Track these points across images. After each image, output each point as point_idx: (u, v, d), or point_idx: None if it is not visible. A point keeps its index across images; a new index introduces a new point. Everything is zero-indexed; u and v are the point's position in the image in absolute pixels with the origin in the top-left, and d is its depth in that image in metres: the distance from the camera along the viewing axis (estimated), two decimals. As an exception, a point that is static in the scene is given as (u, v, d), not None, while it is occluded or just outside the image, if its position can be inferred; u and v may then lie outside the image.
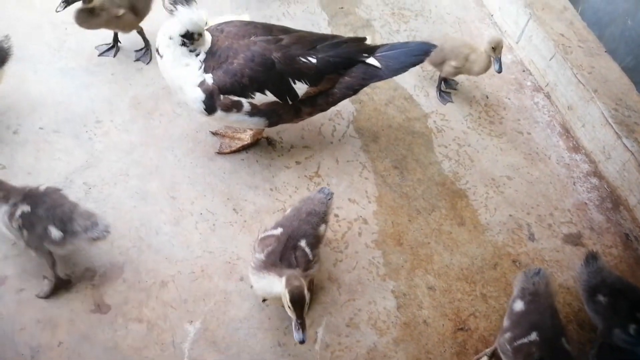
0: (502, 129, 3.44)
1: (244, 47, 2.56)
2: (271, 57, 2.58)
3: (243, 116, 2.65)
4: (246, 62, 2.53)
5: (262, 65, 2.56)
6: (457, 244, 2.86)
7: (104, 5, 2.98)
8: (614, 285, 2.50)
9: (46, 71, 3.15)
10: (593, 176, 3.28)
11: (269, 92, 2.62)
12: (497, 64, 3.17)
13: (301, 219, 2.37)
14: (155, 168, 2.88)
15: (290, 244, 2.28)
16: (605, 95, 3.29)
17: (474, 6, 4.23)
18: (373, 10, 4.02)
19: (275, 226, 2.38)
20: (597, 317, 2.51)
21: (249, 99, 2.60)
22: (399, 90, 3.52)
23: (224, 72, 2.53)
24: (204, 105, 2.57)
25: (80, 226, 2.26)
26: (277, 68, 2.59)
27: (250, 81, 2.56)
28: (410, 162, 3.16)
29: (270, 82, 2.61)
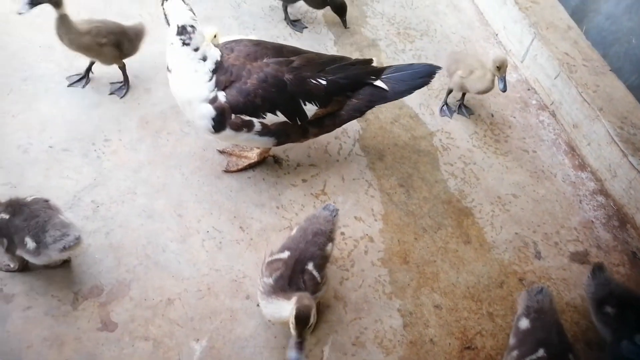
0: (507, 147, 3.45)
1: (257, 68, 2.59)
2: (283, 79, 2.62)
3: (253, 135, 2.68)
4: (259, 83, 2.57)
5: (275, 87, 2.60)
6: (463, 262, 2.86)
7: (90, 30, 2.96)
8: (621, 297, 2.49)
9: (56, 90, 3.20)
10: (599, 194, 3.28)
11: (280, 112, 2.65)
12: (501, 83, 3.19)
13: (308, 241, 2.37)
14: (163, 186, 2.90)
15: (298, 268, 2.28)
16: (611, 114, 3.31)
17: (478, 25, 4.27)
18: (379, 30, 4.06)
19: (282, 249, 2.37)
20: (605, 329, 2.50)
21: (260, 119, 2.63)
22: (404, 108, 3.55)
23: (238, 92, 2.55)
24: (213, 122, 2.58)
25: (51, 237, 2.31)
26: (289, 89, 2.63)
27: (262, 101, 2.59)
28: (416, 180, 3.17)
29: (281, 103, 2.64)
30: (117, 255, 2.61)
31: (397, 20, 4.18)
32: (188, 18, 2.44)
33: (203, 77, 2.51)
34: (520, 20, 3.91)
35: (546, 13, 3.94)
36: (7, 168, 2.81)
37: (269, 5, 4.05)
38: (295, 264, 2.29)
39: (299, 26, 3.92)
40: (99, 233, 2.67)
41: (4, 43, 3.36)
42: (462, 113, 3.56)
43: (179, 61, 2.51)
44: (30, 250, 2.32)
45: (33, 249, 2.31)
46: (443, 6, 4.39)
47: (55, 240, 2.31)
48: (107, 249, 2.62)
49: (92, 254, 2.59)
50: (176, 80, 2.57)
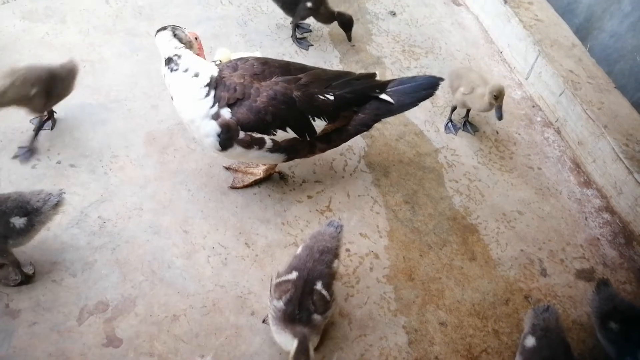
0: (512, 164, 3.46)
1: (267, 87, 2.62)
2: (292, 96, 2.65)
3: (264, 152, 2.70)
4: (269, 100, 2.60)
5: (285, 104, 2.63)
6: (468, 279, 2.85)
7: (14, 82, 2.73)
8: (626, 313, 2.48)
9: (64, 107, 3.23)
10: (605, 211, 3.27)
11: (290, 129, 2.68)
12: (497, 112, 3.20)
13: (315, 259, 2.36)
14: (169, 202, 2.92)
15: (307, 289, 2.28)
16: (616, 131, 3.31)
17: (483, 43, 4.30)
18: (384, 47, 4.09)
19: (290, 269, 2.37)
20: (609, 345, 2.48)
21: (271, 136, 2.65)
22: (409, 125, 3.56)
23: (248, 110, 2.57)
24: (219, 139, 2.60)
25: (38, 202, 2.37)
26: (298, 106, 2.66)
27: (273, 118, 2.62)
28: (421, 197, 3.18)
29: (291, 120, 2.67)
30: (123, 271, 2.62)
31: (402, 38, 4.21)
32: (172, 49, 2.60)
33: (199, 92, 2.56)
34: (524, 38, 3.94)
35: (550, 31, 3.96)
36: (15, 184, 2.83)
37: (275, 24, 4.09)
38: (305, 284, 2.29)
39: (304, 44, 3.96)
40: (105, 249, 2.68)
41: (14, 60, 3.40)
42: (467, 130, 3.57)
43: (175, 85, 2.59)
44: (21, 229, 2.35)
45: (23, 224, 2.35)
46: (448, 24, 4.42)
47: (45, 201, 2.38)
48: (113, 264, 2.63)
49: (98, 270, 2.60)
50: (177, 104, 2.63)
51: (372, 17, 4.34)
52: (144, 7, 3.99)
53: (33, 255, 2.59)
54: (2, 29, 3.60)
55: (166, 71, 2.60)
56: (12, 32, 3.60)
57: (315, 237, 2.49)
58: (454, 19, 4.49)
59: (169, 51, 2.59)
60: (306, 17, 3.88)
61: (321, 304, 2.29)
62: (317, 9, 3.79)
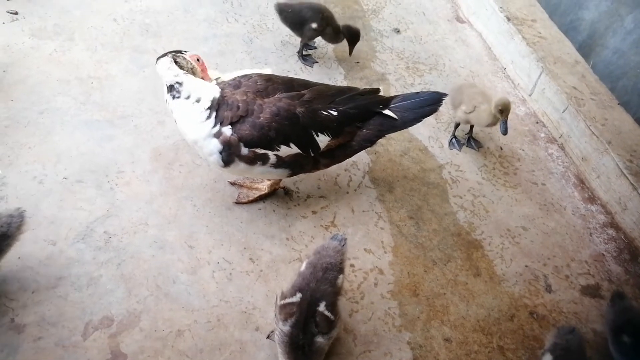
0: (516, 180, 3.46)
1: (270, 103, 2.65)
2: (296, 112, 2.66)
3: (268, 168, 2.72)
4: (272, 117, 2.62)
5: (288, 120, 2.64)
6: (473, 295, 2.85)
7: None
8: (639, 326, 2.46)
9: (72, 123, 3.27)
10: (610, 227, 3.27)
11: (293, 144, 2.70)
12: (502, 126, 3.22)
13: (318, 279, 2.35)
14: (174, 217, 2.93)
15: (310, 312, 2.27)
16: (620, 147, 3.32)
17: (487, 60, 4.33)
18: (388, 64, 4.13)
19: (294, 290, 2.34)
20: (621, 358, 2.46)
21: (275, 152, 2.67)
22: (413, 141, 3.58)
23: (251, 126, 2.59)
24: (221, 155, 2.62)
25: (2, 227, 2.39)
26: (301, 122, 2.68)
27: (276, 134, 2.63)
28: (425, 213, 3.19)
29: (294, 135, 2.69)
30: (128, 286, 2.63)
31: (406, 54, 4.25)
32: (172, 77, 2.61)
33: (200, 116, 2.59)
34: (528, 55, 3.97)
35: (553, 48, 3.99)
36: (22, 199, 2.86)
37: (281, 41, 4.14)
38: (308, 307, 2.27)
39: (309, 61, 4.00)
40: (111, 264, 2.69)
41: (22, 77, 3.46)
42: (471, 146, 3.59)
43: (178, 111, 2.62)
44: None
45: None
46: (451, 41, 4.46)
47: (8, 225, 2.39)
48: (119, 279, 2.64)
49: (103, 285, 2.61)
50: (181, 127, 2.67)
51: (376, 34, 4.38)
52: (151, 24, 4.05)
53: (39, 271, 2.60)
54: (11, 46, 3.65)
55: (168, 97, 2.63)
56: (21, 49, 3.65)
57: (318, 252, 2.48)
58: (457, 36, 4.53)
59: (170, 79, 2.61)
60: (313, 37, 3.92)
61: (325, 325, 2.27)
62: (323, 29, 3.83)
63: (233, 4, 4.40)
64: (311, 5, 3.88)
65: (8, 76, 3.45)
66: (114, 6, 4.15)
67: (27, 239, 2.70)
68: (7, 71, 3.47)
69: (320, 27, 3.79)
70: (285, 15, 3.88)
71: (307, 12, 3.82)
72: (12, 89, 3.38)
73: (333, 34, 3.87)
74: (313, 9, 3.83)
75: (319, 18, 3.79)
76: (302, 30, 3.85)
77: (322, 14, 3.82)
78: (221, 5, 4.36)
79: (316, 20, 3.78)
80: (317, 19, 3.78)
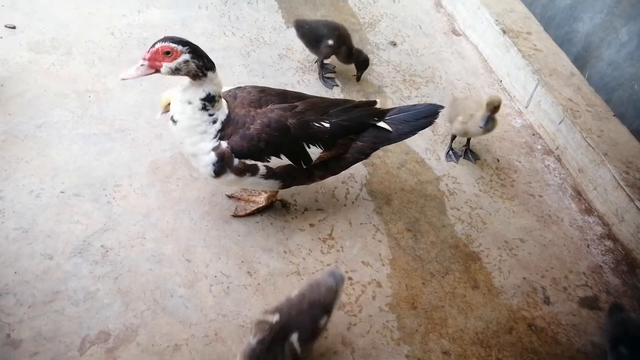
0: (513, 192, 3.47)
1: (262, 114, 2.63)
2: (287, 123, 2.65)
3: (258, 179, 2.71)
4: (263, 128, 2.60)
5: (279, 131, 2.63)
6: (471, 308, 2.84)
7: None
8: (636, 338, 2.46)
9: (69, 137, 3.27)
10: (607, 239, 3.27)
11: (284, 156, 2.69)
12: (483, 120, 3.23)
13: (301, 310, 2.30)
14: (172, 231, 2.93)
15: (280, 336, 2.22)
16: (616, 158, 3.33)
17: (483, 72, 4.35)
18: (385, 77, 4.15)
19: (275, 310, 2.31)
20: None
21: (265, 163, 2.67)
22: (410, 153, 3.59)
23: (241, 137, 2.58)
24: (214, 167, 2.61)
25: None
26: (292, 133, 2.66)
27: (266, 145, 2.62)
28: (423, 225, 3.19)
29: (285, 147, 2.67)
30: (125, 300, 2.62)
31: (402, 67, 4.27)
32: (219, 88, 2.51)
33: (210, 136, 2.57)
34: (523, 67, 3.99)
35: (549, 60, 4.02)
36: (19, 213, 2.85)
37: (278, 54, 4.16)
38: (280, 331, 2.23)
39: (329, 83, 4.00)
40: (108, 278, 2.68)
41: (20, 91, 3.47)
42: (468, 158, 3.60)
43: (191, 121, 2.52)
44: None
45: None
46: (448, 54, 4.48)
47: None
48: (116, 293, 2.63)
49: (100, 299, 2.60)
50: (182, 135, 2.58)
51: (373, 47, 4.40)
52: (149, 38, 4.06)
53: (35, 285, 2.59)
54: (9, 60, 3.66)
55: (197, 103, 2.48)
56: (18, 63, 3.66)
57: (312, 286, 2.40)
58: (453, 48, 4.55)
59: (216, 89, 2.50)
60: (329, 55, 3.92)
61: (290, 356, 2.22)
62: (338, 47, 3.83)
63: (230, 17, 4.43)
64: (328, 22, 3.91)
65: (6, 90, 3.46)
66: (112, 20, 4.17)
67: (24, 253, 2.69)
68: (4, 85, 3.48)
69: (335, 44, 3.80)
70: (302, 31, 3.91)
71: (323, 29, 3.84)
72: (10, 103, 3.38)
73: (347, 54, 3.86)
74: (329, 26, 3.86)
75: (335, 35, 3.80)
76: (318, 48, 3.87)
77: (339, 31, 3.84)
78: (218, 19, 4.39)
79: (332, 38, 3.79)
80: (333, 36, 3.80)
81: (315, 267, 2.89)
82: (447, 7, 4.97)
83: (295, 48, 4.24)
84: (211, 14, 4.42)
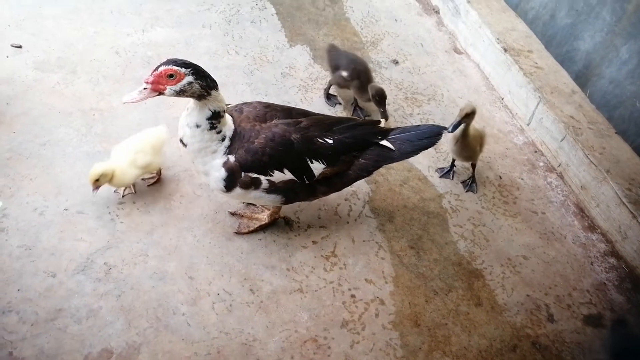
0: (516, 209, 3.47)
1: (266, 129, 2.66)
2: (290, 138, 2.68)
3: (261, 193, 2.72)
4: (267, 142, 2.63)
5: (282, 145, 2.65)
6: (474, 325, 2.83)
7: None
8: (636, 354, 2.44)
9: (73, 155, 3.29)
10: (610, 256, 3.26)
11: (287, 170, 2.71)
12: (451, 126, 3.17)
13: None
14: (175, 248, 2.93)
15: None
16: (618, 176, 3.34)
17: (484, 90, 4.38)
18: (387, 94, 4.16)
19: None
20: None
21: (267, 177, 2.68)
22: (413, 171, 3.60)
23: (246, 151, 2.61)
24: (225, 182, 2.63)
25: None
26: (296, 148, 2.69)
27: (270, 159, 2.64)
28: (426, 242, 3.18)
29: (288, 161, 2.69)
30: (127, 317, 2.61)
31: (404, 85, 4.30)
32: (223, 104, 2.54)
33: (220, 153, 2.60)
34: (525, 85, 4.01)
35: (550, 78, 4.04)
36: (22, 230, 2.86)
37: (281, 72, 4.19)
38: None
39: (333, 100, 4.03)
40: (111, 295, 2.68)
41: (26, 109, 3.50)
42: (471, 189, 3.54)
43: (201, 143, 2.55)
44: None
45: None
46: (449, 72, 4.51)
47: None
48: (118, 311, 2.63)
49: (103, 317, 2.60)
50: (194, 156, 2.62)
51: (375, 65, 4.44)
52: (153, 57, 4.10)
53: (38, 303, 2.59)
54: (14, 79, 3.70)
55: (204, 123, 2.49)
56: (24, 82, 3.69)
57: None
58: (455, 66, 4.59)
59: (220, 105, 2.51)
60: (340, 85, 3.90)
61: None
62: (351, 79, 3.79)
63: (234, 37, 4.47)
64: (351, 56, 3.93)
65: (11, 108, 3.49)
66: (117, 39, 4.21)
67: (27, 270, 2.70)
68: (10, 104, 3.51)
69: (349, 77, 3.79)
70: (330, 55, 3.97)
71: (343, 59, 3.87)
72: (15, 121, 3.41)
73: (359, 87, 3.79)
74: (349, 59, 3.88)
75: (351, 68, 3.80)
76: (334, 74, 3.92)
77: (355, 66, 3.81)
78: (222, 38, 4.43)
79: (347, 70, 3.80)
80: (349, 69, 3.80)
81: (318, 285, 2.88)
82: (448, 25, 5.01)
83: (298, 66, 4.28)
84: (215, 33, 4.46)
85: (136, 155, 3.00)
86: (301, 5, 4.98)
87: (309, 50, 4.47)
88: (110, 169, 2.91)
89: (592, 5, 3.93)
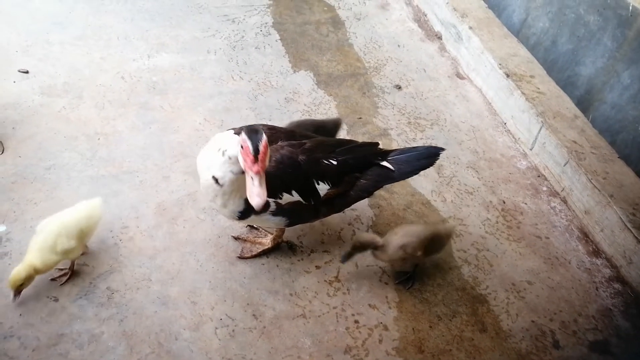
0: (520, 234, 3.46)
1: (273, 150, 2.67)
2: (298, 160, 2.70)
3: (267, 215, 2.73)
4: (277, 165, 2.64)
5: (291, 167, 2.68)
6: (479, 352, 2.80)
7: None
8: None
9: (78, 179, 3.31)
10: (616, 281, 3.24)
11: (295, 192, 2.72)
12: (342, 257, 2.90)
13: None
14: (177, 273, 2.93)
15: None
16: (622, 200, 3.33)
17: (487, 115, 4.40)
18: (390, 119, 4.19)
19: None
20: None
21: (276, 199, 2.69)
22: (416, 195, 3.60)
23: None
24: (239, 214, 2.64)
25: None
26: (303, 169, 2.71)
27: (281, 182, 2.65)
28: (429, 267, 3.17)
29: (296, 183, 2.71)
30: (129, 343, 2.60)
31: (407, 110, 4.32)
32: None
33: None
34: (527, 110, 4.03)
35: (552, 103, 4.06)
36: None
37: (285, 97, 4.22)
38: None
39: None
40: (113, 320, 2.67)
41: (31, 133, 3.53)
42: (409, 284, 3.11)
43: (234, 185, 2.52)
44: None
45: None
46: (452, 97, 4.54)
47: None
48: (120, 336, 2.61)
49: (105, 342, 2.58)
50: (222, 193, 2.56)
51: (378, 90, 4.47)
52: (158, 82, 4.15)
53: (40, 328, 2.58)
54: (21, 104, 3.74)
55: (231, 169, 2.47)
56: (30, 107, 3.73)
57: None
58: (458, 91, 4.62)
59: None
60: None
61: None
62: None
63: (238, 62, 4.52)
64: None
65: (17, 133, 3.52)
66: (122, 64, 4.26)
67: (30, 295, 2.69)
68: (16, 128, 3.54)
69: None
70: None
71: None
72: (21, 146, 3.44)
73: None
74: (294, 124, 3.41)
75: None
76: None
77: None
78: (227, 63, 4.48)
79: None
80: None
81: (322, 310, 2.86)
82: (451, 51, 5.06)
83: (301, 92, 4.32)
84: (220, 59, 4.52)
85: (58, 238, 2.65)
86: (305, 31, 5.04)
87: (313, 75, 4.52)
88: (31, 268, 2.58)
89: (593, 31, 3.97)
